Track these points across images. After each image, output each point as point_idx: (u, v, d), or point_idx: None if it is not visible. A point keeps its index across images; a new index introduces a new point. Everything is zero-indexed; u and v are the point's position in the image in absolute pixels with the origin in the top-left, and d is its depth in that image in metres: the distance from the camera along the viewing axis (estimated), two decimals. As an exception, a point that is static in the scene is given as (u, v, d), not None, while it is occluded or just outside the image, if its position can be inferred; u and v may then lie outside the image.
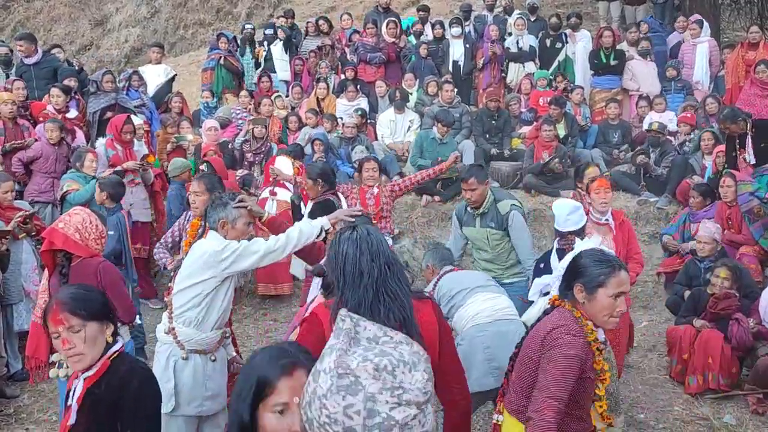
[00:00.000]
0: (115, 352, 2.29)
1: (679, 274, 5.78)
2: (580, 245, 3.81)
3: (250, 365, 1.67)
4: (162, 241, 4.72)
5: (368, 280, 2.14)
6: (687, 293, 5.37)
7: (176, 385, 3.21)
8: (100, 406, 2.20)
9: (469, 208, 4.86)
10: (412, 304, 2.18)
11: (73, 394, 2.28)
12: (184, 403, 3.23)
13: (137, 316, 3.68)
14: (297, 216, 4.59)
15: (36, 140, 6.49)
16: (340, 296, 2.18)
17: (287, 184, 6.75)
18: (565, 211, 4.00)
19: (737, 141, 6.32)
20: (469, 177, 4.69)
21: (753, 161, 6.35)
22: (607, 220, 4.59)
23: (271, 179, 6.89)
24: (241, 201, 3.36)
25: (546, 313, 2.65)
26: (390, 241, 5.48)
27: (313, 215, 4.39)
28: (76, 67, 8.98)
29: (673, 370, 5.08)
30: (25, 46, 7.96)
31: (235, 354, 3.77)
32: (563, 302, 2.58)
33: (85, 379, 2.24)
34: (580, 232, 3.95)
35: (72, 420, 2.23)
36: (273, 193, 6.85)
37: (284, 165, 6.92)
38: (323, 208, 4.49)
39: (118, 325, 3.47)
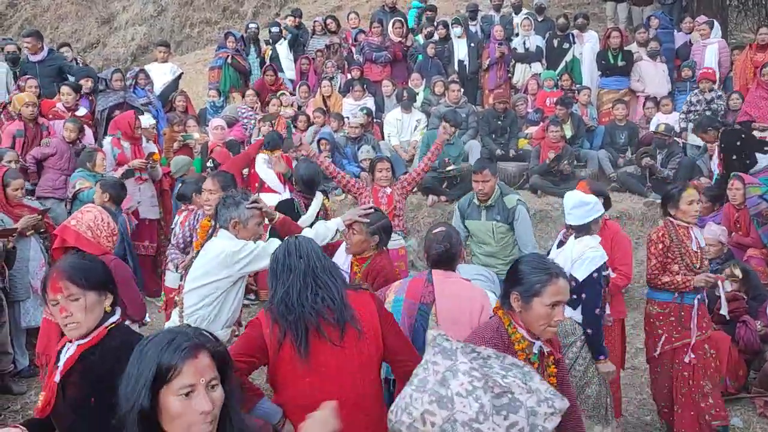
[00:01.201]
0: (113, 323, 2.28)
1: (686, 277, 5.77)
2: (570, 242, 3.83)
3: (147, 349, 1.62)
4: (174, 242, 4.73)
5: (296, 273, 2.53)
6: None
7: None
8: (93, 372, 2.18)
9: (475, 201, 4.94)
10: (343, 293, 2.52)
11: (62, 356, 2.27)
12: None
13: (147, 315, 3.69)
14: (291, 213, 4.57)
15: None
16: (273, 293, 2.55)
17: (275, 188, 6.62)
18: (570, 203, 3.92)
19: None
20: (482, 168, 4.81)
21: (716, 171, 6.56)
22: None
23: (256, 185, 6.68)
24: (254, 201, 3.37)
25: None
26: (402, 240, 5.45)
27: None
28: (80, 65, 8.98)
29: (680, 372, 5.07)
30: (32, 44, 8.03)
31: None
32: (501, 310, 2.49)
33: (79, 345, 2.23)
34: (581, 229, 3.83)
35: (57, 377, 2.23)
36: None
37: (262, 160, 6.78)
38: (284, 208, 4.54)
39: (127, 322, 3.51)
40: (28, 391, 4.92)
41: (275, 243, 3.21)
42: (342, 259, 3.67)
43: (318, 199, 5.13)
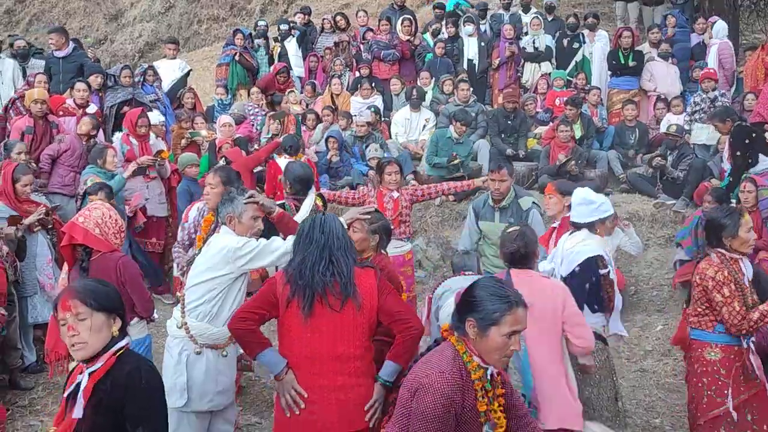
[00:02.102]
0: (121, 348, 2.29)
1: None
2: (563, 238, 3.82)
3: None
4: (179, 240, 4.73)
5: (315, 245, 2.82)
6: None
7: (188, 380, 3.23)
8: (105, 402, 2.20)
9: (489, 202, 4.95)
10: (353, 269, 2.81)
11: (78, 388, 2.28)
12: (196, 398, 3.24)
13: (155, 312, 3.68)
14: None
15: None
16: (293, 258, 2.91)
17: None
18: (576, 200, 3.89)
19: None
20: (500, 168, 4.86)
21: (727, 167, 6.52)
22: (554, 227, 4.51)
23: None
24: (251, 196, 3.38)
25: (437, 342, 2.47)
26: (408, 246, 5.39)
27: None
28: (92, 56, 9.01)
29: (690, 376, 5.01)
30: (56, 39, 8.11)
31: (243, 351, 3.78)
32: (452, 335, 2.39)
33: (90, 374, 2.24)
34: (581, 227, 3.79)
35: (78, 414, 2.23)
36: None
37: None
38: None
39: (136, 320, 3.51)
40: (36, 387, 4.93)
41: (278, 241, 3.22)
42: None
43: (310, 197, 5.10)
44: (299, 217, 4.07)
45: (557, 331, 3.19)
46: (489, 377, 2.36)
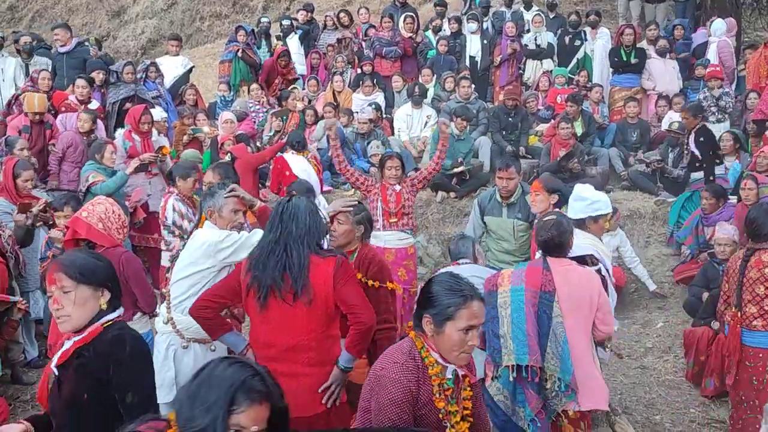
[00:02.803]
0: (108, 320, 2.26)
1: (697, 276, 5.73)
2: None
3: (223, 376, 1.67)
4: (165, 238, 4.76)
5: (272, 235, 2.81)
6: (705, 295, 5.32)
7: (177, 374, 3.27)
8: (86, 369, 2.19)
9: (497, 198, 5.01)
10: (306, 261, 2.75)
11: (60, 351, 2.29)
12: None
13: (158, 307, 3.69)
14: None
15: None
16: (258, 244, 2.91)
17: (315, 189, 6.62)
18: (572, 196, 3.94)
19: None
20: (508, 166, 4.93)
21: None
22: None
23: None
24: (231, 190, 3.40)
25: (401, 338, 2.48)
26: (411, 239, 5.41)
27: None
28: (93, 54, 9.01)
29: (690, 372, 5.04)
30: (61, 35, 8.22)
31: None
32: (413, 331, 2.37)
33: (75, 341, 2.24)
34: (577, 224, 3.78)
35: (53, 365, 2.25)
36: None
37: (298, 162, 6.83)
38: None
39: (139, 315, 3.53)
40: (38, 382, 4.94)
41: (259, 234, 3.22)
42: None
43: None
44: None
45: (592, 319, 3.27)
46: (453, 377, 2.31)
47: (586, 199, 3.83)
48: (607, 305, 3.33)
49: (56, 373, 2.24)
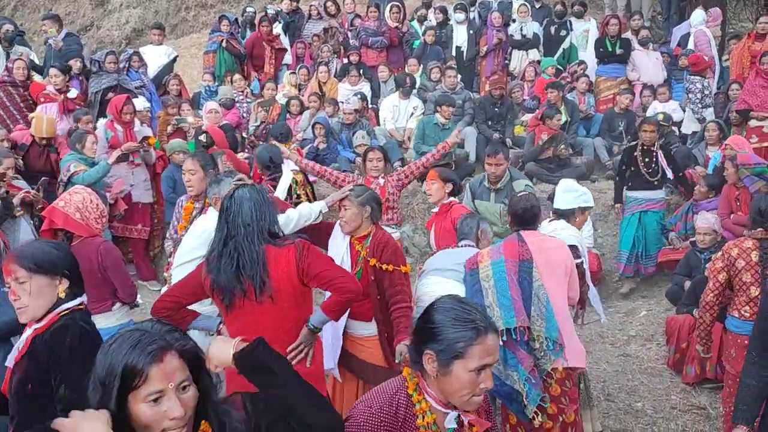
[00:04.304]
0: (67, 309, 2.24)
1: (679, 265, 5.77)
2: (543, 225, 3.88)
3: (110, 351, 1.51)
4: (170, 232, 4.72)
5: (221, 235, 2.75)
6: (687, 284, 5.36)
7: None
8: (33, 359, 2.17)
9: (485, 183, 5.19)
10: (260, 256, 2.68)
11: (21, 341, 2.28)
12: None
13: (138, 297, 3.67)
14: None
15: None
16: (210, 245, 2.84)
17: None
18: (561, 188, 4.06)
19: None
20: (496, 152, 5.10)
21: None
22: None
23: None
24: (240, 179, 3.39)
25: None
26: (397, 234, 5.40)
27: None
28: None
29: (672, 360, 5.09)
30: (50, 26, 8.18)
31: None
32: (407, 368, 1.97)
33: (34, 330, 2.24)
34: (563, 214, 3.93)
35: (10, 362, 2.24)
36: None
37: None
38: None
39: (119, 305, 3.50)
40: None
41: None
42: (339, 241, 3.63)
43: (286, 176, 5.10)
44: (277, 195, 4.11)
45: (566, 283, 3.41)
46: (455, 425, 1.91)
47: (577, 191, 4.00)
48: (575, 272, 3.49)
49: (12, 364, 2.23)
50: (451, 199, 4.29)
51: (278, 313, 2.74)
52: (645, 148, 6.43)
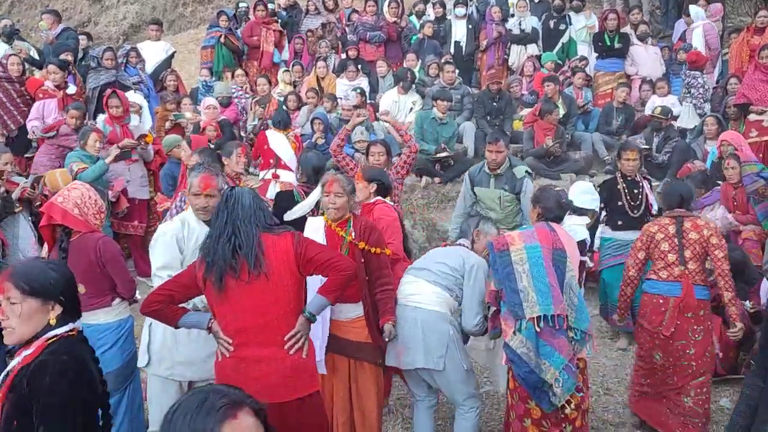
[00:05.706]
0: (54, 336, 2.14)
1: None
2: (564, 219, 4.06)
3: (175, 419, 1.34)
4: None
5: (220, 220, 2.84)
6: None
7: (150, 342, 3.37)
8: (17, 390, 2.08)
9: (485, 170, 5.30)
10: (255, 238, 2.79)
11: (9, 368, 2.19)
12: (156, 362, 3.37)
13: (137, 293, 3.66)
14: (290, 203, 4.54)
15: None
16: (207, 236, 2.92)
17: (290, 165, 6.64)
18: (581, 190, 4.60)
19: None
20: (497, 140, 5.21)
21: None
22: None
23: (271, 161, 6.76)
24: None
25: None
26: None
27: (277, 205, 4.84)
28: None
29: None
30: (48, 21, 8.23)
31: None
32: None
33: (24, 357, 2.13)
34: (579, 212, 4.32)
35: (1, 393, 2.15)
36: (276, 176, 6.61)
37: (277, 139, 6.82)
38: (283, 198, 4.90)
39: (118, 301, 3.49)
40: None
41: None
42: (314, 234, 3.57)
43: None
44: (305, 204, 4.08)
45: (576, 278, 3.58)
46: None
47: (593, 193, 4.56)
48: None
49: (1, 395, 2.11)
50: (377, 198, 4.15)
51: (271, 294, 2.79)
52: (629, 179, 5.31)
